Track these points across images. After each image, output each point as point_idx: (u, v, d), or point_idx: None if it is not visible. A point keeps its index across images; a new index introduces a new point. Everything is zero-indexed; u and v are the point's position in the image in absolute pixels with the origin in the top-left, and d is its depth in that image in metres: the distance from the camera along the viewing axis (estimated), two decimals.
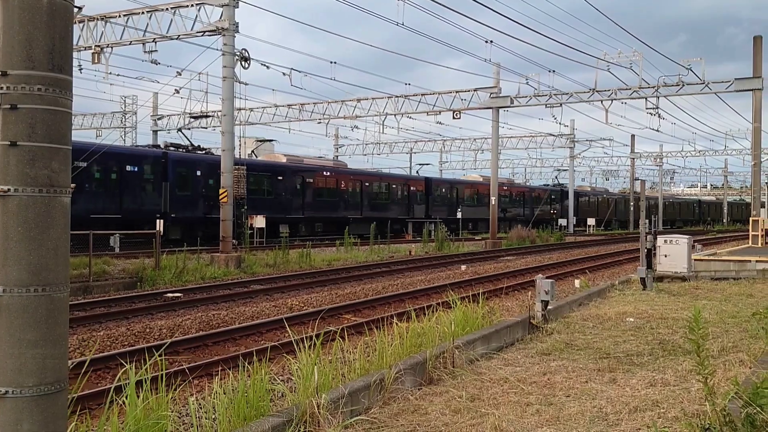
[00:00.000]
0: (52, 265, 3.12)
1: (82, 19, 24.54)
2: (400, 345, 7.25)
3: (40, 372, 3.09)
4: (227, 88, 22.25)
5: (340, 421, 5.24)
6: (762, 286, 14.31)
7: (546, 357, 7.84)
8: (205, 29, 22.54)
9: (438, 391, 6.37)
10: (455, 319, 8.63)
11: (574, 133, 56.60)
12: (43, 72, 3.07)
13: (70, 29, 3.22)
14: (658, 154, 66.28)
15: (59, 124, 3.14)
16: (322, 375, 5.89)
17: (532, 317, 9.51)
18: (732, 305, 11.77)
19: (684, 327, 9.53)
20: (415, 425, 5.42)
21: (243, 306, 13.92)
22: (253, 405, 5.49)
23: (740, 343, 8.42)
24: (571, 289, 16.59)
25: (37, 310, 3.08)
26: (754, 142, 29.73)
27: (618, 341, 8.61)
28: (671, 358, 7.71)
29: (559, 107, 34.86)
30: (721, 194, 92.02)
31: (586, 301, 12.22)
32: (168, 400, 5.31)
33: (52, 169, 3.10)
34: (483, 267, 22.88)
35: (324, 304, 14.36)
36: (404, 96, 36.31)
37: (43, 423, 3.09)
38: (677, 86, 30.49)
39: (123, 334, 11.11)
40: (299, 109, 39.28)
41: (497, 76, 34.64)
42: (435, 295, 15.75)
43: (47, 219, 3.10)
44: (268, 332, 11.52)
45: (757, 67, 28.32)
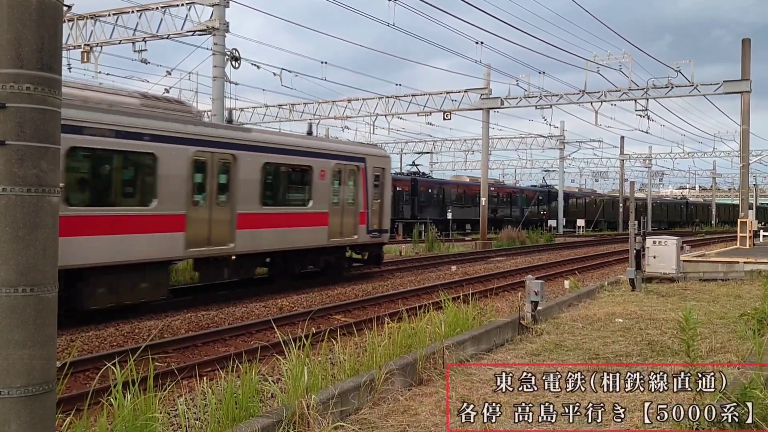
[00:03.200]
0: (40, 265, 3.11)
1: (72, 18, 24.41)
2: (390, 345, 7.26)
3: (28, 373, 3.07)
4: (217, 88, 22.19)
5: (329, 422, 5.23)
6: (750, 287, 14.40)
7: (536, 357, 7.86)
8: (196, 29, 22.47)
9: (428, 392, 6.38)
10: (445, 319, 8.64)
11: (564, 135, 56.78)
12: (32, 71, 3.06)
13: (59, 28, 3.20)
14: (648, 156, 66.58)
15: (48, 123, 3.13)
16: (312, 375, 5.89)
17: (521, 318, 9.53)
18: (720, 306, 11.84)
19: (673, 328, 9.58)
20: (405, 426, 5.42)
21: (233, 306, 13.89)
22: (242, 405, 5.48)
23: (728, 343, 8.47)
24: (560, 289, 16.64)
25: (25, 311, 3.06)
26: (742, 144, 29.91)
27: (607, 342, 8.64)
28: (660, 358, 7.75)
29: (549, 108, 34.98)
30: (709, 195, 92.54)
31: (575, 302, 12.26)
32: (156, 402, 5.29)
33: (40, 168, 3.09)
34: (473, 267, 22.92)
35: (314, 304, 14.34)
36: (395, 96, 36.31)
37: (31, 424, 3.07)
38: (666, 88, 30.65)
39: (111, 334, 11.05)
40: (290, 109, 39.22)
41: (487, 77, 34.70)
42: (425, 295, 15.75)
43: (35, 219, 3.08)
44: (258, 332, 11.49)
45: (745, 69, 28.48)
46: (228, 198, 14.37)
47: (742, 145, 30.00)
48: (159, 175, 12.77)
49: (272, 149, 15.64)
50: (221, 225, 14.14)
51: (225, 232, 14.21)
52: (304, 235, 16.57)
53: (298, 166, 16.63)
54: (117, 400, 5.03)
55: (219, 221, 14.09)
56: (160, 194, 12.79)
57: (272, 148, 15.67)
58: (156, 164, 12.70)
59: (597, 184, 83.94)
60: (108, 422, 4.91)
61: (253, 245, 15.03)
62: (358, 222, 18.32)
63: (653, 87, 30.98)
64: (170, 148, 12.90)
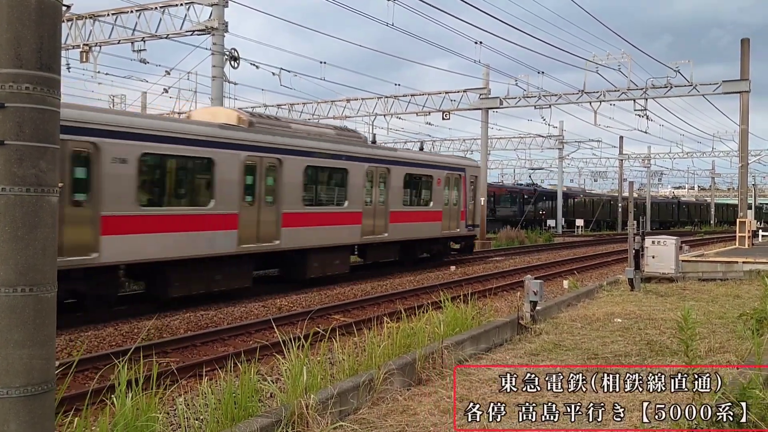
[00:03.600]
0: (39, 264, 3.11)
1: (71, 18, 24.39)
2: (390, 345, 7.26)
3: (27, 372, 3.07)
4: (216, 88, 22.17)
5: (329, 422, 5.23)
6: (749, 287, 14.40)
7: (534, 357, 7.87)
8: (195, 28, 22.45)
9: (427, 392, 6.38)
10: (444, 319, 8.64)
11: (562, 135, 56.77)
12: (31, 71, 3.06)
13: (58, 28, 3.20)
14: (646, 156, 66.56)
15: (47, 123, 3.13)
16: (311, 375, 5.89)
17: (520, 318, 9.53)
18: (719, 306, 11.85)
19: (671, 328, 9.58)
20: (404, 425, 5.43)
21: (232, 306, 13.88)
22: (241, 405, 5.48)
23: (727, 343, 8.47)
24: (559, 289, 16.65)
25: (24, 311, 3.06)
26: (741, 144, 29.92)
27: (606, 342, 8.65)
28: (659, 358, 7.76)
29: (548, 108, 34.99)
30: (703, 195, 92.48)
31: (574, 302, 12.26)
32: (156, 401, 5.29)
33: (39, 168, 3.09)
34: (472, 267, 22.91)
35: (313, 304, 14.34)
36: (394, 96, 36.30)
37: (30, 423, 3.08)
38: (665, 88, 30.64)
39: (110, 334, 11.05)
40: (288, 109, 39.19)
41: (486, 77, 34.69)
42: (424, 295, 15.76)
43: (35, 218, 3.08)
44: (257, 332, 11.49)
45: (744, 69, 28.48)
46: (384, 200, 19.71)
47: (741, 145, 30.01)
48: (349, 184, 18.20)
49: (410, 164, 21.20)
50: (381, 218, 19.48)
51: (382, 224, 19.55)
52: (426, 228, 21.74)
53: (426, 175, 21.83)
54: (120, 399, 5.03)
55: (379, 216, 19.47)
56: (350, 197, 18.23)
57: (410, 162, 21.25)
58: (347, 176, 18.16)
59: (596, 184, 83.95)
60: (108, 422, 4.91)
61: (404, 235, 20.67)
62: (459, 218, 23.37)
63: (652, 87, 30.97)
64: (356, 165, 18.48)
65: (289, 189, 15.80)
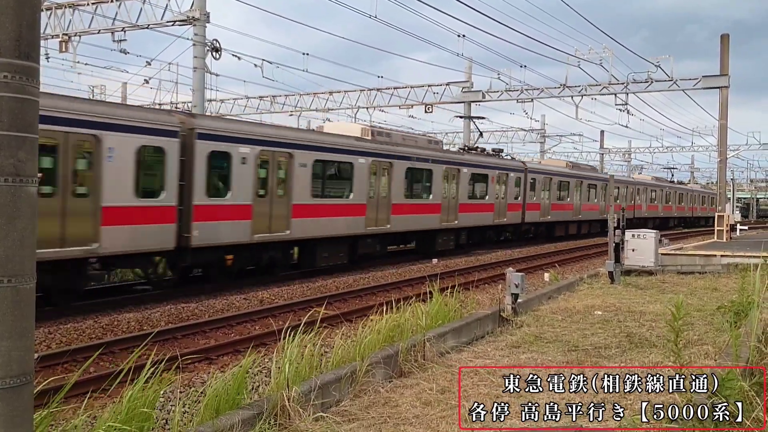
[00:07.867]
0: (17, 256, 3.07)
1: (50, 7, 24.06)
2: (375, 338, 7.26)
3: (5, 365, 3.03)
4: (198, 79, 22.00)
5: (310, 414, 5.23)
6: (727, 280, 14.58)
7: (516, 349, 7.92)
8: (176, 19, 22.23)
9: (409, 384, 6.40)
10: (427, 312, 8.66)
11: (544, 128, 57.05)
12: (9, 59, 3.01)
13: (37, 17, 3.16)
14: (627, 150, 67.10)
15: (26, 112, 3.08)
16: (293, 367, 5.88)
17: (502, 310, 9.58)
18: (697, 299, 11.98)
19: (651, 320, 9.69)
20: (386, 417, 5.44)
21: (213, 299, 13.82)
22: (221, 398, 5.45)
23: (705, 336, 8.58)
24: (540, 282, 16.75)
25: (3, 302, 3.02)
26: (720, 139, 30.19)
27: (586, 334, 8.72)
28: (638, 350, 7.83)
29: (530, 102, 35.05)
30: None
31: (555, 295, 12.34)
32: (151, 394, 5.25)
33: (18, 158, 3.05)
34: (454, 260, 22.95)
35: (295, 297, 14.31)
36: (377, 89, 36.25)
37: (9, 416, 3.04)
38: (646, 83, 30.83)
39: (90, 326, 10.96)
40: (271, 101, 39.02)
41: (469, 70, 34.73)
42: (407, 288, 15.78)
43: (13, 209, 3.04)
44: (238, 325, 11.45)
45: (724, 64, 28.71)
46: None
47: (720, 140, 30.28)
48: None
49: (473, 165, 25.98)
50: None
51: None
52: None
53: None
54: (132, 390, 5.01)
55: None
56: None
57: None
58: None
59: None
60: (91, 418, 4.88)
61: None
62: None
63: (633, 81, 31.15)
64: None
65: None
